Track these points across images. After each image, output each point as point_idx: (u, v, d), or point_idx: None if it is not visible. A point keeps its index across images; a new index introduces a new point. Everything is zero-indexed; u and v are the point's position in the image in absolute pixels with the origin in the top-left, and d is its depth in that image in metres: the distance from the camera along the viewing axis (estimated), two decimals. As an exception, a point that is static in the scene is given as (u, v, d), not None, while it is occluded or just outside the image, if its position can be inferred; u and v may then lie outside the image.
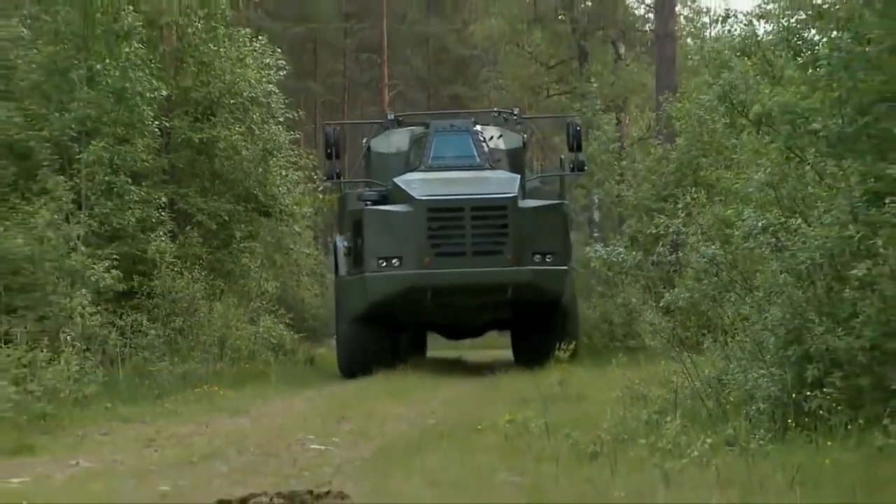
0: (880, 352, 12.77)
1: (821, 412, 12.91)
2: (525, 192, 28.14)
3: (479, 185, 24.51)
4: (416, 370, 29.83)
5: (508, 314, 28.36)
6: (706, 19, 41.67)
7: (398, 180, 26.29)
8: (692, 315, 17.06)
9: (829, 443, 12.17)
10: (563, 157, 35.67)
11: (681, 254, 18.72)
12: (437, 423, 18.23)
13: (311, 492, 11.83)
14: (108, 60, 29.58)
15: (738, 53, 19.01)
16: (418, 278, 21.39)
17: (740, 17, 24.73)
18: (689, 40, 37.86)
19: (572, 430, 14.84)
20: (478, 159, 25.74)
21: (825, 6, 14.84)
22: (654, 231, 22.43)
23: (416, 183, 24.74)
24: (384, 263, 22.09)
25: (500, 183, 25.73)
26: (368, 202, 27.67)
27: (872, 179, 13.19)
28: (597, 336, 31.57)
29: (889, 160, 12.96)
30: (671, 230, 19.37)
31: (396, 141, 29.40)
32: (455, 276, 21.67)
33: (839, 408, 12.81)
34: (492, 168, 26.90)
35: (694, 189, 20.70)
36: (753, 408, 13.65)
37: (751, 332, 14.48)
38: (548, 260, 24.06)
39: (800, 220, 14.19)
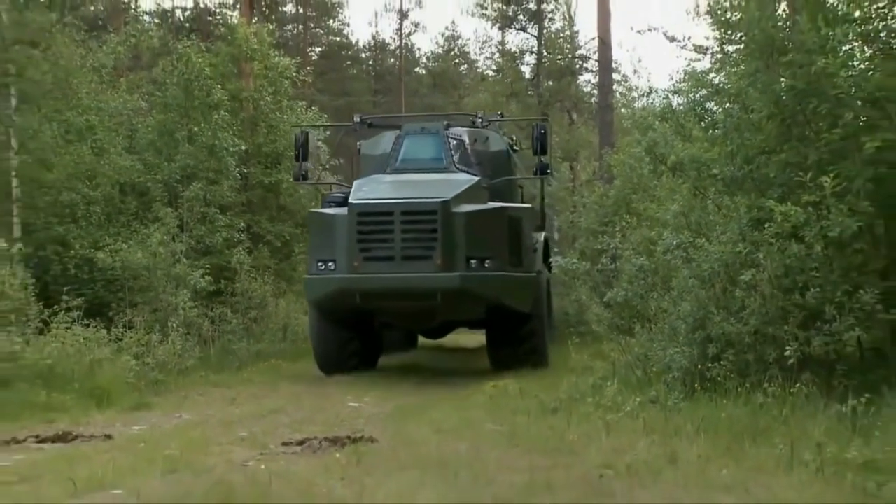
0: (761, 335, 12.77)
1: (718, 379, 12.94)
2: (489, 196, 21.51)
3: (421, 188, 19.76)
4: (418, 354, 29.17)
5: (478, 315, 21.54)
6: (635, 94, 41.29)
7: (357, 182, 21.86)
8: (626, 308, 17.14)
9: (724, 401, 12.16)
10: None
11: (618, 263, 19.17)
12: (439, 388, 18.69)
13: (349, 436, 12.10)
14: (202, 125, 29.86)
15: (658, 119, 19.07)
16: (347, 282, 18.16)
17: (660, 92, 24.32)
18: (622, 109, 37.56)
19: (539, 392, 15.00)
20: (444, 162, 20.94)
21: (721, 86, 14.80)
22: (598, 247, 22.96)
23: (367, 185, 20.49)
24: (322, 266, 18.49)
25: (441, 186, 20.21)
26: (332, 204, 22.95)
27: (755, 210, 13.21)
28: (557, 324, 27.10)
29: (767, 196, 12.98)
30: (611, 246, 21.25)
31: (383, 143, 24.01)
32: (383, 281, 18.10)
33: (731, 376, 12.81)
34: (458, 171, 21.37)
35: (627, 217, 20.90)
36: (670, 376, 13.66)
37: (668, 321, 14.49)
38: (486, 265, 19.09)
39: (703, 240, 14.21)
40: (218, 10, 51.09)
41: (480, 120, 23.13)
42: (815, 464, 9.26)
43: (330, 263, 18.25)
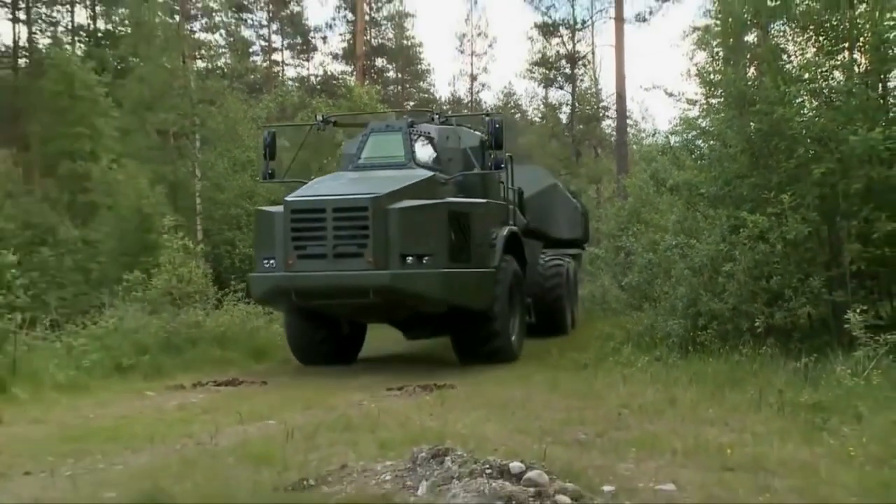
0: (737, 311, 12.80)
1: (705, 343, 12.96)
2: (452, 192, 16.71)
3: (362, 185, 15.53)
4: None
5: (436, 310, 15.89)
6: (643, 134, 41.07)
7: (313, 179, 17.63)
8: (637, 291, 17.02)
9: (710, 359, 12.17)
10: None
11: (632, 257, 18.75)
12: None
13: (435, 384, 12.25)
14: (329, 157, 29.94)
15: (660, 153, 19.09)
16: (282, 280, 14.63)
17: (661, 133, 24.14)
18: (634, 146, 37.37)
19: (573, 353, 14.97)
20: (404, 158, 16.60)
21: (706, 128, 14.83)
22: (617, 245, 22.46)
23: (318, 182, 16.50)
24: (266, 264, 14.85)
25: (384, 183, 15.66)
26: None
27: (732, 219, 13.20)
28: (587, 303, 25.49)
29: (741, 209, 12.99)
30: (626, 245, 19.73)
31: (358, 142, 18.60)
32: (315, 279, 14.47)
33: (715, 341, 12.87)
34: (418, 167, 16.62)
35: (637, 224, 20.65)
36: (670, 341, 13.64)
37: (668, 301, 14.47)
38: (425, 262, 14.83)
39: (694, 241, 14.18)
40: (340, 76, 51.26)
41: (437, 116, 18.20)
42: (777, 405, 9.30)
43: (272, 261, 14.63)
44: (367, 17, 46.68)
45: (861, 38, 13.38)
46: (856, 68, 13.61)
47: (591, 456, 7.09)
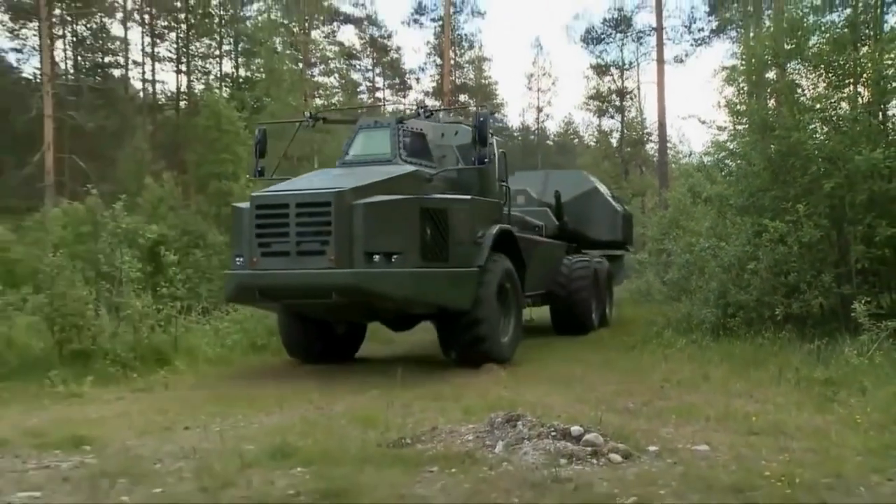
0: (760, 302, 12.66)
1: (734, 329, 12.86)
2: (442, 188, 13.73)
3: (332, 180, 12.95)
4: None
5: (422, 311, 13.18)
6: (681, 155, 40.63)
7: (298, 176, 14.39)
8: (677, 285, 16.85)
9: (737, 342, 12.06)
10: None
11: (671, 258, 18.50)
12: (558, 336, 16.73)
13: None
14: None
15: (695, 170, 18.86)
16: (246, 278, 12.24)
17: (696, 154, 23.84)
18: (673, 164, 36.99)
19: (623, 336, 14.92)
20: (390, 154, 13.77)
21: (733, 150, 14.69)
22: (660, 248, 22.06)
23: (299, 179, 13.63)
24: (237, 261, 12.33)
25: (355, 177, 12.94)
26: None
27: (756, 225, 13.04)
28: (635, 295, 24.44)
29: (763, 217, 12.85)
30: (667, 248, 19.47)
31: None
32: (278, 278, 12.10)
33: (742, 326, 12.72)
34: (404, 163, 13.69)
35: (677, 230, 20.37)
36: (704, 327, 13.48)
37: (702, 293, 14.33)
38: (394, 261, 12.11)
39: (724, 243, 14.03)
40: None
41: (424, 110, 14.98)
42: (794, 380, 9.26)
43: (240, 258, 11.99)
44: (452, 62, 46.82)
45: (864, 75, 13.31)
46: (859, 99, 13.58)
47: (638, 421, 7.14)
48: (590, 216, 19.05)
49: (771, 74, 15.08)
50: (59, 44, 41.64)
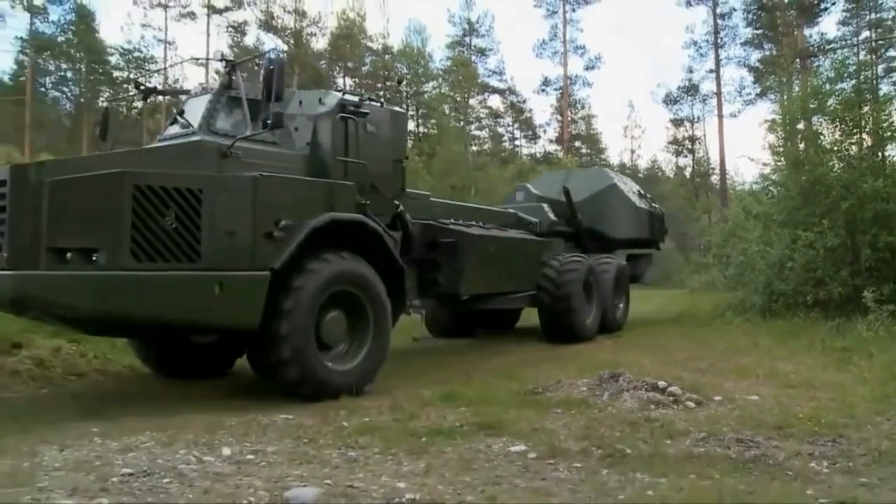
0: (796, 291, 12.34)
1: (776, 311, 12.51)
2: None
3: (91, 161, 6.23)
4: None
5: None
6: (737, 183, 39.16)
7: None
8: (734, 279, 16.33)
9: (779, 320, 11.73)
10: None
11: (730, 259, 17.91)
12: (646, 317, 16.64)
13: (610, 333, 11.89)
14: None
15: (748, 195, 18.25)
16: None
17: (748, 183, 23.11)
18: (730, 190, 35.68)
19: (695, 316, 14.64)
20: (196, 126, 6.73)
21: (775, 179, 14.30)
22: (721, 253, 21.34)
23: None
24: None
25: (125, 158, 6.00)
26: None
27: (792, 235, 12.61)
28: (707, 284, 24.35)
29: (797, 229, 12.46)
30: (727, 251, 18.82)
31: None
32: None
33: (782, 309, 12.39)
34: (211, 135, 6.60)
35: (734, 238, 19.67)
36: (754, 309, 13.13)
37: (753, 284, 13.96)
38: (95, 259, 5.14)
39: (769, 248, 13.65)
40: (554, 152, 51.27)
41: (223, 62, 7.33)
42: (820, 348, 9.04)
43: None
44: (569, 118, 46.68)
45: (867, 126, 13.00)
46: (864, 144, 13.26)
47: (707, 378, 7.06)
48: (608, 214, 13.75)
49: (800, 125, 14.62)
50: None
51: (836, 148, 13.13)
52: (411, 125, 44.71)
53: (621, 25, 78.26)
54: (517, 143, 53.19)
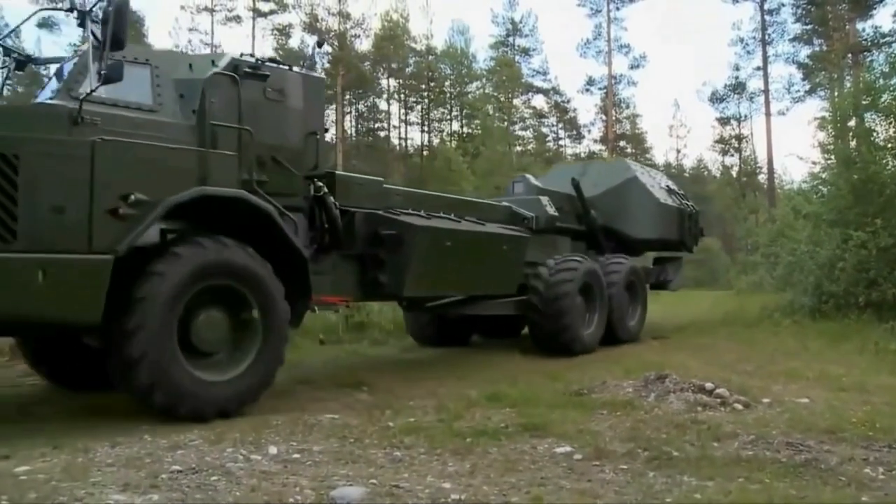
0: (847, 291, 12.08)
1: (826, 312, 12.28)
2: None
3: None
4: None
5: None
6: (785, 182, 38.35)
7: None
8: (783, 279, 16.11)
9: (829, 322, 11.55)
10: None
11: (779, 259, 17.58)
12: (689, 320, 16.47)
13: (657, 336, 11.76)
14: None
15: (796, 193, 17.95)
16: None
17: (796, 182, 22.73)
18: (779, 190, 34.92)
19: (743, 317, 14.32)
20: (57, 91, 5.19)
21: (825, 178, 14.06)
22: (770, 252, 20.92)
23: None
24: None
25: None
26: None
27: (843, 235, 12.40)
28: (754, 284, 22.71)
29: (849, 228, 12.24)
30: (776, 251, 18.52)
31: None
32: None
33: (833, 310, 12.17)
34: (69, 100, 4.93)
35: (783, 238, 19.31)
36: (803, 310, 12.92)
37: (802, 285, 13.74)
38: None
39: (819, 248, 13.41)
40: (598, 152, 51.02)
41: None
42: (874, 351, 8.86)
43: None
44: (613, 118, 46.25)
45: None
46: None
47: (755, 380, 6.96)
48: (627, 210, 11.81)
49: (852, 122, 14.30)
50: (347, 118, 43.60)
51: (889, 145, 12.83)
52: (455, 125, 45.08)
53: (666, 23, 77.27)
54: (561, 143, 52.94)
